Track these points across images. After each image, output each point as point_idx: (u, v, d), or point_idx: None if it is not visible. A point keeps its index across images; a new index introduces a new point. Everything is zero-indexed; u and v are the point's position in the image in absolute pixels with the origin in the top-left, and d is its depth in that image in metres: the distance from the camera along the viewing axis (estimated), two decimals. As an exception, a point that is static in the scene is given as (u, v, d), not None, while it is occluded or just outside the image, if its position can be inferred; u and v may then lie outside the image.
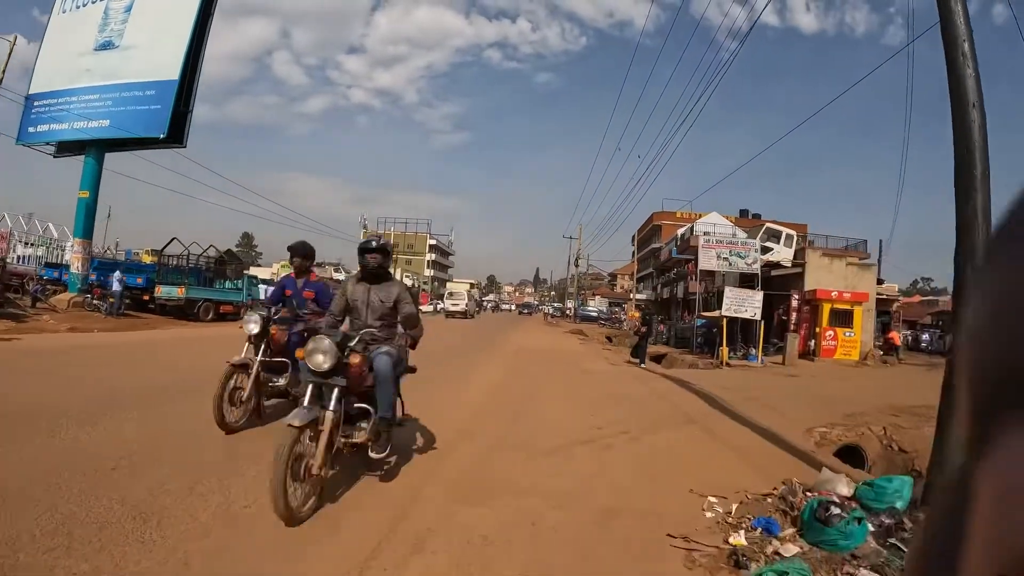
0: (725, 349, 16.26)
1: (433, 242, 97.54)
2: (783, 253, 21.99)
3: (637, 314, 41.44)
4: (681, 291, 40.85)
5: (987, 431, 0.21)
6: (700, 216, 46.91)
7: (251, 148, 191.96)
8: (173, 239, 24.11)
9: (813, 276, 21.12)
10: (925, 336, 37.68)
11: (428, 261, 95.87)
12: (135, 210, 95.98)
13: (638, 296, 61.49)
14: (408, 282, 71.47)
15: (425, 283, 77.37)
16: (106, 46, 23.91)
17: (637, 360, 14.68)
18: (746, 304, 16.75)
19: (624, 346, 26.08)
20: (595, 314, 51.66)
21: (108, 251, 50.69)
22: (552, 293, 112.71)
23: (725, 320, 16.34)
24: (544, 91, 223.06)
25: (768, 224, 22.31)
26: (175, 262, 23.80)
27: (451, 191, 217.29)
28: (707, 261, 19.79)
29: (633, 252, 50.34)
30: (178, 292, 21.26)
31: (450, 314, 44.57)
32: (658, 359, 19.97)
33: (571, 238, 59.92)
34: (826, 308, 19.97)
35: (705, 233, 20.34)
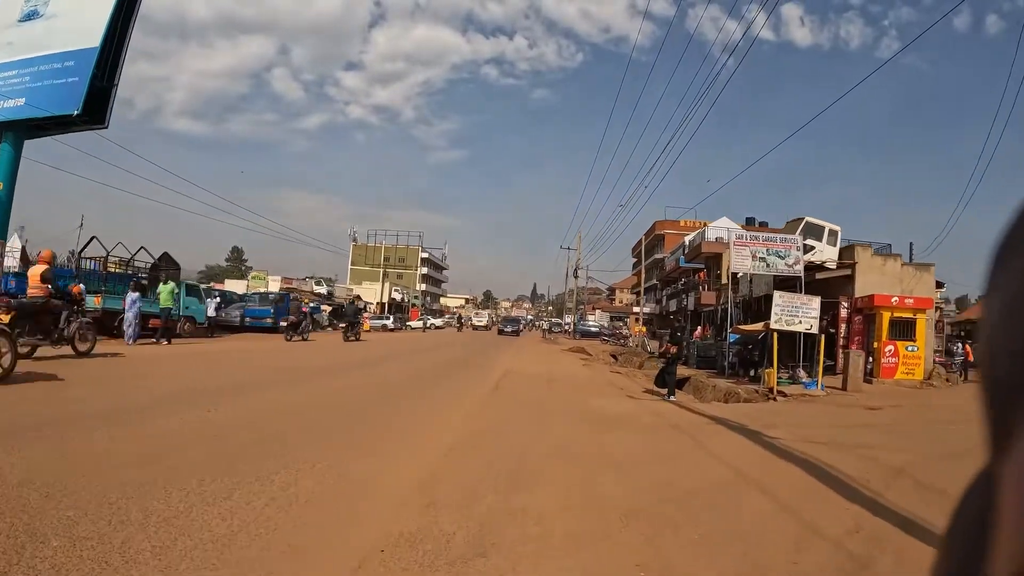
0: (774, 373, 12.47)
1: (425, 255, 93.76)
2: (827, 252, 18.31)
3: (643, 328, 37.54)
4: (692, 302, 37.10)
5: (1010, 429, 0.21)
6: (705, 224, 43.51)
7: (249, 164, 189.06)
8: (93, 238, 20.26)
9: (863, 279, 17.45)
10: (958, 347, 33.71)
11: (420, 275, 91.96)
12: (123, 222, 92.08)
13: (639, 309, 57.63)
14: (397, 296, 67.57)
15: (416, 298, 73.31)
16: (31, 16, 20.36)
17: (664, 391, 10.90)
18: (800, 314, 13.01)
19: (632, 366, 22.28)
20: (596, 329, 47.69)
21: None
22: (550, 308, 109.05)
23: (775, 335, 12.56)
24: (541, 107, 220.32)
25: (807, 219, 18.61)
26: (115, 268, 20.08)
27: (448, 207, 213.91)
28: (740, 262, 16.08)
29: (640, 258, 46.84)
30: (94, 302, 17.33)
31: (476, 327, 56.78)
32: (680, 383, 16.19)
33: (569, 248, 56.43)
34: (885, 317, 16.25)
35: (733, 231, 16.56)
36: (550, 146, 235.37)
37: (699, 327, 24.28)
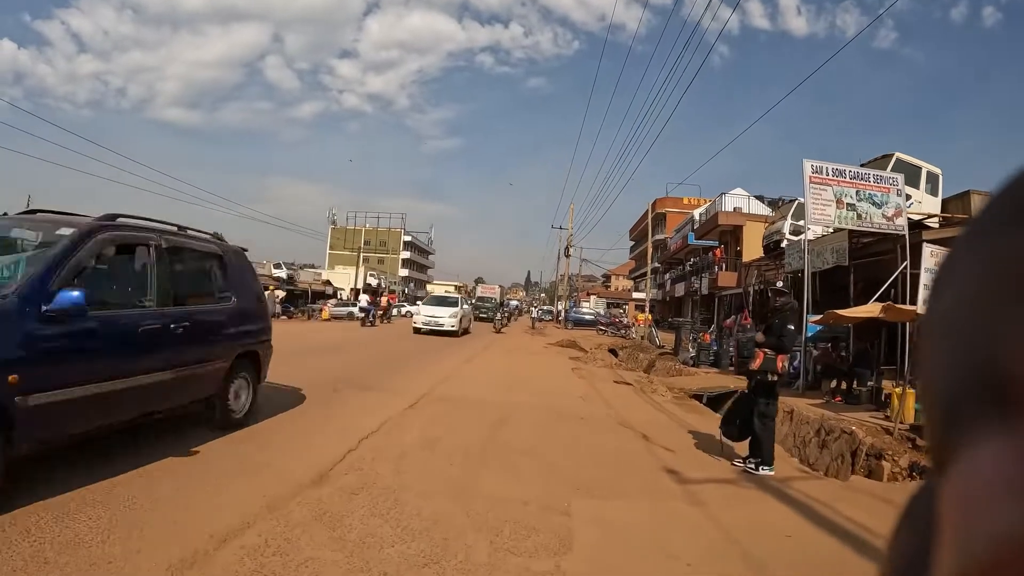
0: (912, 400, 6.68)
1: (408, 239, 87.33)
2: (926, 203, 12.46)
3: (649, 317, 31.60)
4: (705, 285, 31.25)
5: (952, 441, 0.20)
6: (710, 202, 37.53)
7: (242, 153, 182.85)
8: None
9: (992, 243, 11.61)
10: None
11: (402, 260, 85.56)
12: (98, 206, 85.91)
13: (639, 294, 51.78)
14: (373, 281, 61.69)
15: (394, 283, 67.22)
16: None
17: (735, 445, 5.11)
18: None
19: (639, 366, 16.46)
20: (591, 317, 41.71)
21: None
22: (543, 295, 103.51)
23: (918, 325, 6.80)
24: (536, 95, 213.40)
25: (898, 155, 12.68)
26: None
27: (443, 196, 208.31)
28: (821, 209, 10.28)
29: (647, 235, 40.88)
30: None
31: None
32: (722, 399, 10.42)
33: (561, 228, 50.63)
34: None
35: (813, 166, 10.56)
36: (545, 134, 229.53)
37: (731, 315, 18.40)
